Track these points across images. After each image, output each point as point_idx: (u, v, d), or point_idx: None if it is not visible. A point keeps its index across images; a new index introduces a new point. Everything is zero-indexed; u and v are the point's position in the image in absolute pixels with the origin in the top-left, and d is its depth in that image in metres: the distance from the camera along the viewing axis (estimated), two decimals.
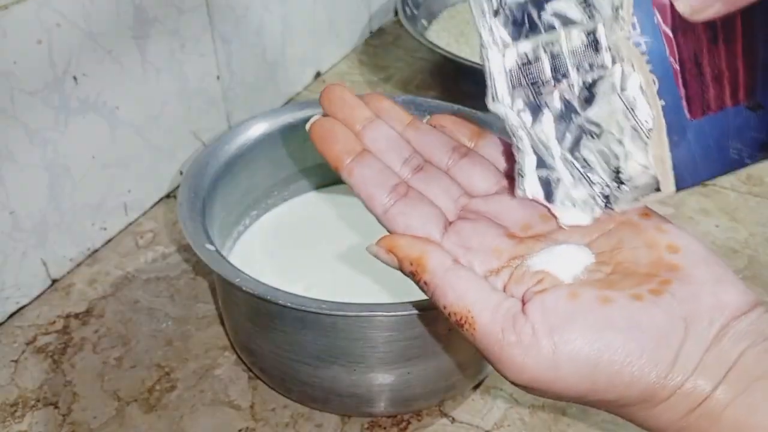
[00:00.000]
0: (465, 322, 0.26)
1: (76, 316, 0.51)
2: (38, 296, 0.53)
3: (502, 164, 0.31)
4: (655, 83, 0.27)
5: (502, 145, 0.32)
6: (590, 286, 0.26)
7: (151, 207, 0.61)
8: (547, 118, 0.27)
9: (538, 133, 0.27)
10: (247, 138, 0.50)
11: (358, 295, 0.47)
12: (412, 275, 0.27)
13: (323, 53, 0.81)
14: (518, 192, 0.29)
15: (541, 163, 0.28)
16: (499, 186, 0.30)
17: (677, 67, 0.27)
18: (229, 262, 0.39)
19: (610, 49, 0.27)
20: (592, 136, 0.27)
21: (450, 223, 0.29)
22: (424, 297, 0.37)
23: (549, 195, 0.28)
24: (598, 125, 0.27)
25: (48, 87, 0.48)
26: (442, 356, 0.41)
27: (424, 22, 0.85)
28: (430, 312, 0.37)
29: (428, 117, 0.33)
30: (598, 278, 0.26)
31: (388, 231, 0.29)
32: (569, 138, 0.27)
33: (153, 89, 0.57)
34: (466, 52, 0.78)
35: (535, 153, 0.28)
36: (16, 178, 0.48)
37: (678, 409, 0.24)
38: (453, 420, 0.44)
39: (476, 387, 0.46)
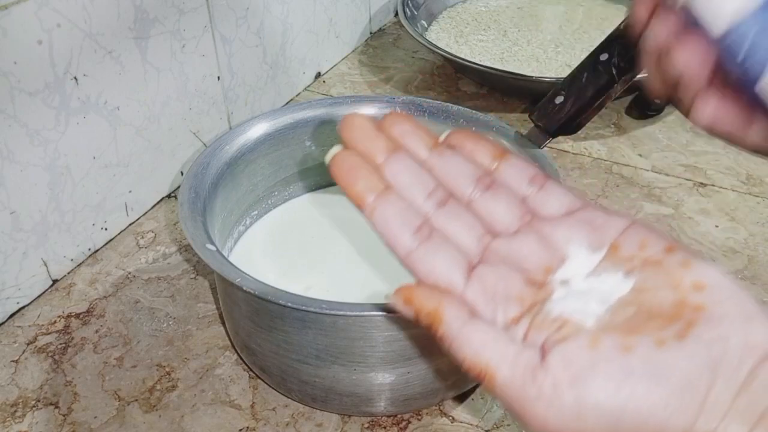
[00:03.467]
0: (484, 377, 0.25)
1: (77, 316, 0.51)
2: (39, 296, 0.53)
3: (524, 189, 0.31)
4: None
5: (526, 167, 0.31)
6: (612, 331, 0.25)
7: (152, 207, 0.61)
8: None
9: None
10: (247, 138, 0.50)
11: (358, 295, 0.47)
12: (429, 328, 0.27)
13: (323, 53, 0.82)
14: None
15: None
16: (522, 221, 0.29)
17: None
18: (229, 262, 0.39)
19: None
20: None
21: (473, 266, 0.28)
22: None
23: None
24: None
25: (48, 87, 0.48)
26: (442, 356, 0.41)
27: (424, 22, 0.85)
28: None
29: (447, 132, 0.32)
30: (620, 322, 0.25)
31: (412, 274, 0.29)
32: None
33: (153, 89, 0.57)
34: (466, 52, 0.78)
35: None
36: (17, 178, 0.48)
37: None
38: (453, 420, 0.44)
39: (476, 387, 0.46)
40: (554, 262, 0.28)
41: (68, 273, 0.55)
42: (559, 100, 0.48)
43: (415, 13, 0.84)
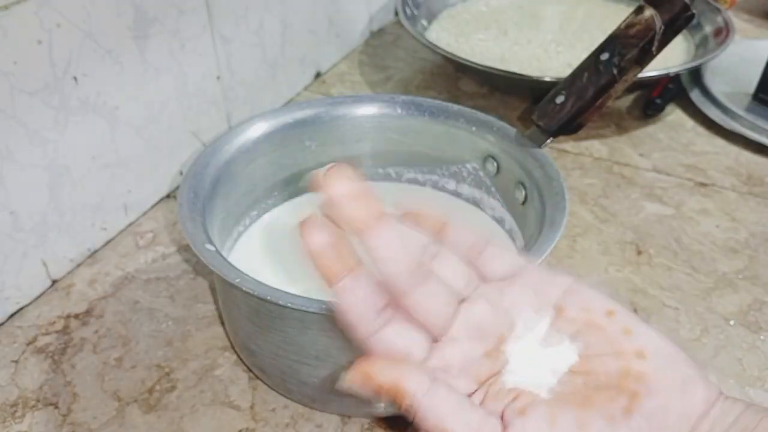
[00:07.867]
0: None
1: (76, 316, 0.51)
2: (38, 296, 0.53)
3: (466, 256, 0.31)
4: None
5: (468, 237, 0.31)
6: (567, 404, 0.26)
7: (151, 207, 0.61)
8: None
9: None
10: (247, 138, 0.50)
11: None
12: (394, 402, 0.27)
13: (323, 53, 0.81)
14: None
15: None
16: (471, 287, 0.30)
17: None
18: (229, 263, 0.39)
19: None
20: None
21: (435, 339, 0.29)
22: None
23: None
24: None
25: (48, 87, 0.48)
26: None
27: (424, 22, 0.85)
28: None
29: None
30: (572, 392, 0.27)
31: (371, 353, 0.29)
32: None
33: (153, 89, 0.57)
34: (466, 52, 0.78)
35: None
36: (16, 178, 0.48)
37: None
38: None
39: None
40: (505, 330, 0.29)
41: (68, 273, 0.55)
42: (559, 99, 0.48)
43: (415, 12, 0.84)
